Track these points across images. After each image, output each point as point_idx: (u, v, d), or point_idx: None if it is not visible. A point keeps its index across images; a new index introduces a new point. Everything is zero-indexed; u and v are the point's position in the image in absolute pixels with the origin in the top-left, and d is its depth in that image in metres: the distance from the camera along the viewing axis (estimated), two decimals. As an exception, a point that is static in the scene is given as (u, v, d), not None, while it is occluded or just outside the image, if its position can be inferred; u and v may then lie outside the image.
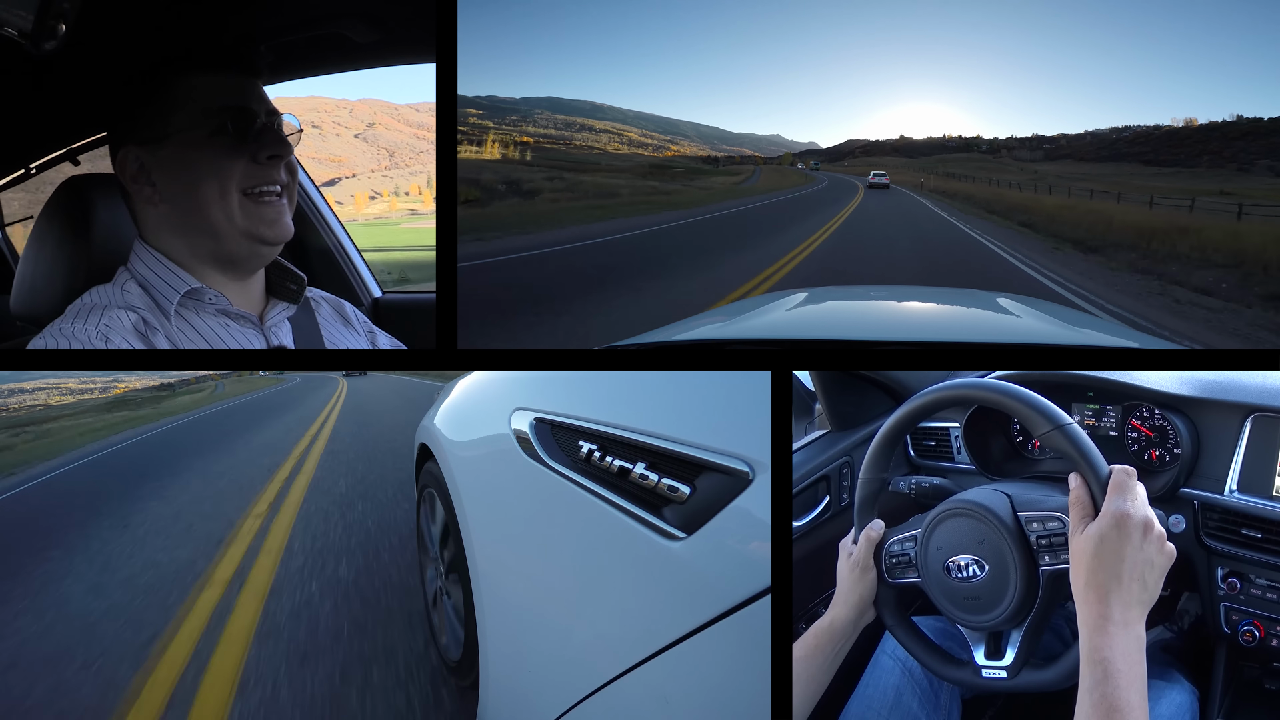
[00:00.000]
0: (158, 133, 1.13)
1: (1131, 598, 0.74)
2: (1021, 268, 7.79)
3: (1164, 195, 11.97)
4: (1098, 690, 0.71)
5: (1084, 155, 17.30)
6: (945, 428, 1.45)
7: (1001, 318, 1.38)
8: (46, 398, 25.38)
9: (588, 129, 21.57)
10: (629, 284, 6.11)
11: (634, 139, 22.28)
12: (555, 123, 21.02)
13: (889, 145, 22.44)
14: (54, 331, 1.09)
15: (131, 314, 1.12)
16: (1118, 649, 0.72)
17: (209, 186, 1.12)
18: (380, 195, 70.04)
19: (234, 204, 1.13)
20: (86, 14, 1.06)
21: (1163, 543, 0.78)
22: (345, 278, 2.26)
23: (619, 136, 22.02)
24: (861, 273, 7.43)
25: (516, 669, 1.19)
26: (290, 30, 1.72)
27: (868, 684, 1.11)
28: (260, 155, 1.13)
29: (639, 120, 22.82)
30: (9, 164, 2.01)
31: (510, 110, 20.21)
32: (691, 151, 22.66)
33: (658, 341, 1.23)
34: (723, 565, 0.84)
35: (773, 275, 6.64)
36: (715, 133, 24.14)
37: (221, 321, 1.20)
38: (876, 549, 1.02)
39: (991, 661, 0.92)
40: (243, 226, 1.14)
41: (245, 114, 1.14)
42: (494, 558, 1.28)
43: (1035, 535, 0.87)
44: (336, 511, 4.04)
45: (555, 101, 21.53)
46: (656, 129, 23.06)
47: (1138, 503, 0.78)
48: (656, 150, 22.20)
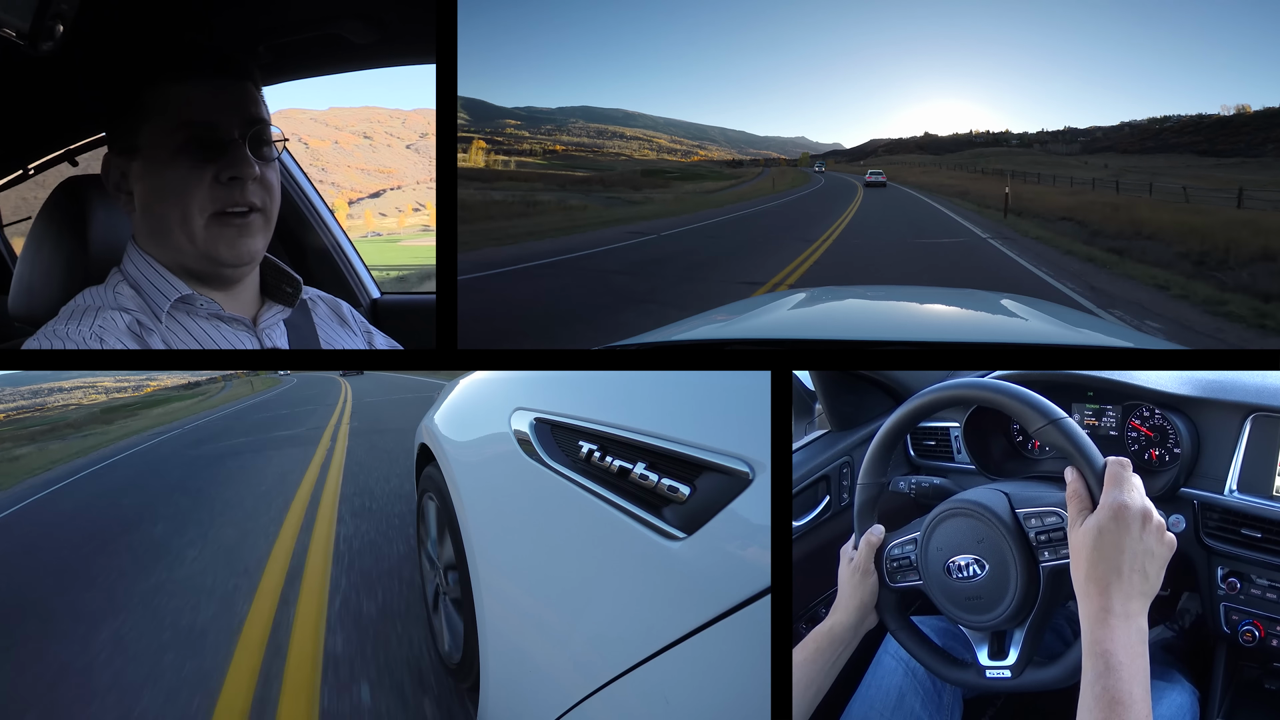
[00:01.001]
0: (131, 144, 1.11)
1: (1133, 589, 0.74)
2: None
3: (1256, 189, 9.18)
4: (1099, 683, 0.71)
5: (1126, 147, 15.91)
6: (945, 428, 1.45)
7: (1002, 318, 1.38)
8: (83, 396, 26.54)
9: (619, 136, 21.79)
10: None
11: (663, 145, 22.43)
12: (588, 131, 21.28)
13: (913, 143, 21.48)
14: (48, 333, 1.08)
15: (125, 315, 1.11)
16: (1119, 641, 0.72)
17: (172, 206, 1.09)
18: (424, 207, 68.68)
19: (196, 226, 1.09)
20: (84, 15, 1.06)
21: (1162, 532, 0.78)
22: (343, 278, 2.25)
23: (649, 143, 22.20)
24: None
25: (516, 670, 1.19)
26: (288, 31, 1.72)
27: (870, 684, 1.10)
28: (222, 176, 1.09)
29: (668, 126, 22.96)
30: (8, 164, 2.01)
31: (546, 120, 20.61)
32: (718, 156, 22.85)
33: (658, 341, 1.23)
34: (723, 565, 0.84)
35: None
36: (742, 136, 24.14)
37: (214, 324, 1.18)
38: (877, 554, 1.02)
39: (995, 662, 0.92)
40: (203, 249, 1.11)
41: (211, 130, 1.09)
42: (494, 558, 1.28)
43: (1034, 532, 0.87)
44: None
45: (589, 110, 21.86)
46: (685, 135, 23.20)
47: (1135, 493, 0.78)
48: (684, 155, 22.41)
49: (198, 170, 1.08)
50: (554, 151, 19.43)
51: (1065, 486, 0.83)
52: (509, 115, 19.50)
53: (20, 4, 1.03)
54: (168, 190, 1.09)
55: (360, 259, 2.35)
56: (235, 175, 1.09)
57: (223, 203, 1.09)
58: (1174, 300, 5.71)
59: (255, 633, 2.39)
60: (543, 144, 19.57)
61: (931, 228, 10.71)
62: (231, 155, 1.09)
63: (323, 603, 2.59)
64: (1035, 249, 8.26)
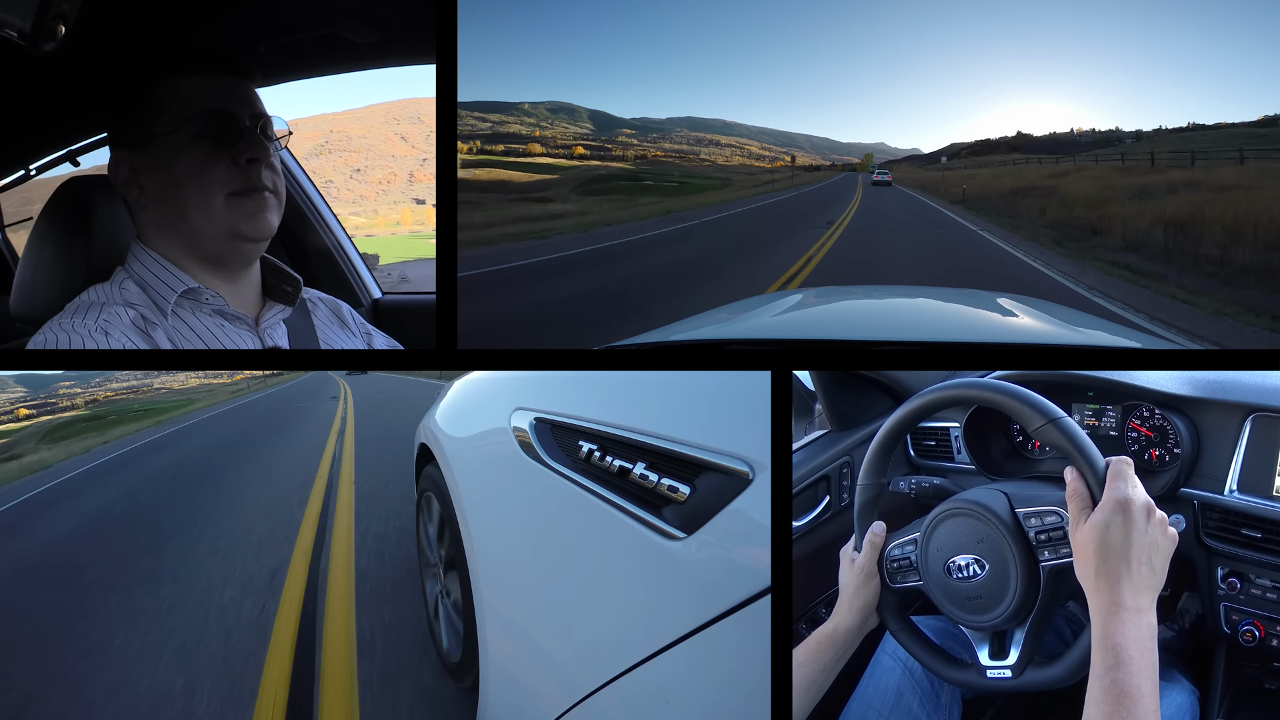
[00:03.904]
0: (143, 136, 1.15)
1: (1141, 583, 0.74)
2: None
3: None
4: (1108, 676, 0.70)
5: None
6: (945, 428, 1.45)
7: (1001, 318, 1.38)
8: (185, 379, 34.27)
9: (714, 144, 23.30)
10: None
11: (753, 151, 23.69)
12: (689, 139, 22.89)
13: (1005, 143, 20.28)
14: (53, 327, 1.09)
15: (130, 310, 1.13)
16: (1130, 635, 0.72)
17: (191, 190, 1.13)
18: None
19: (215, 206, 1.14)
20: (86, 14, 1.06)
21: (1165, 526, 0.78)
22: (345, 278, 2.25)
23: (740, 149, 23.53)
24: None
25: (516, 669, 1.19)
26: (288, 31, 1.72)
27: (868, 684, 1.10)
28: (240, 158, 1.14)
29: (761, 135, 24.22)
30: (9, 164, 2.01)
31: (655, 129, 22.62)
32: (803, 161, 24.06)
33: (658, 341, 1.23)
34: (723, 565, 0.84)
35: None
36: (826, 143, 25.05)
37: (217, 322, 1.21)
38: (880, 554, 1.02)
39: (996, 661, 0.92)
40: (223, 226, 1.15)
41: (227, 118, 1.15)
42: (494, 557, 1.28)
43: (1034, 531, 0.87)
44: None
45: (693, 120, 23.55)
46: (774, 141, 24.38)
47: (1138, 489, 0.78)
48: (772, 161, 23.69)
49: (215, 155, 1.14)
50: (644, 157, 21.57)
51: (1065, 486, 0.83)
52: (626, 125, 21.98)
53: (21, 4, 1.03)
54: (186, 174, 1.13)
55: (361, 259, 2.35)
56: (254, 157, 1.15)
57: (241, 183, 1.15)
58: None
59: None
60: (647, 150, 21.81)
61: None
62: (248, 139, 1.16)
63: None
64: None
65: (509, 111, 20.50)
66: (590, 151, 20.46)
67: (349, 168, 67.11)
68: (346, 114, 71.40)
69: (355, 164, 67.25)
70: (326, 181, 64.30)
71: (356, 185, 66.47)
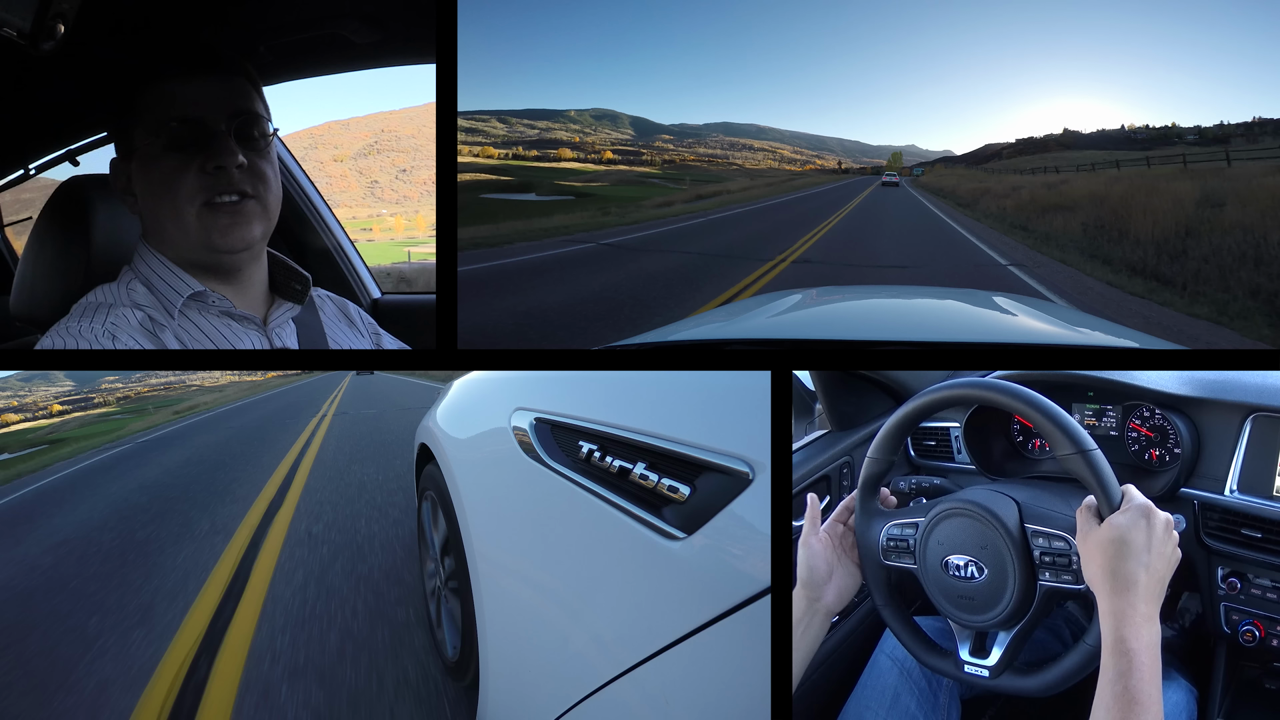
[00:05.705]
0: (129, 146, 1.14)
1: (1152, 591, 0.75)
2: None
3: None
4: (1121, 681, 0.71)
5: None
6: (945, 428, 1.45)
7: (1001, 317, 1.38)
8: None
9: (748, 149, 24.02)
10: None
11: (785, 155, 24.38)
12: (723, 144, 23.69)
13: (1052, 141, 19.28)
14: (61, 331, 1.09)
15: (138, 312, 1.13)
16: (1144, 641, 0.73)
17: (164, 200, 1.12)
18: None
19: (189, 216, 1.11)
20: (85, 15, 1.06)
21: (1176, 543, 0.79)
22: (345, 279, 2.25)
23: (772, 154, 24.24)
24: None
25: (516, 669, 1.19)
26: (288, 31, 1.72)
27: (865, 684, 1.10)
28: (207, 166, 1.11)
29: (794, 139, 25.00)
30: (9, 164, 2.01)
31: (692, 135, 23.28)
32: (834, 164, 24.58)
33: (657, 341, 1.23)
34: (722, 565, 0.84)
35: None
36: (857, 146, 25.62)
37: (225, 322, 1.20)
38: (866, 527, 1.00)
39: (976, 659, 0.92)
40: (198, 239, 1.13)
41: (196, 125, 1.11)
42: (493, 557, 1.28)
43: (1039, 551, 0.87)
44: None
45: (729, 126, 24.36)
46: (806, 145, 25.07)
47: (1153, 505, 0.79)
48: (803, 165, 24.26)
49: (184, 163, 1.11)
50: (672, 162, 22.22)
51: (1071, 492, 0.83)
52: (665, 131, 23.01)
53: (21, 4, 1.03)
54: (159, 186, 1.12)
55: (361, 259, 2.35)
56: (219, 164, 1.11)
57: (210, 191, 1.12)
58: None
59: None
60: (679, 155, 22.58)
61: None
62: (215, 146, 1.12)
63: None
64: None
65: (555, 118, 21.02)
66: (620, 156, 20.88)
67: (396, 168, 66.67)
68: (400, 112, 70.74)
69: (402, 164, 66.97)
70: (372, 182, 64.16)
71: (401, 186, 66.02)
